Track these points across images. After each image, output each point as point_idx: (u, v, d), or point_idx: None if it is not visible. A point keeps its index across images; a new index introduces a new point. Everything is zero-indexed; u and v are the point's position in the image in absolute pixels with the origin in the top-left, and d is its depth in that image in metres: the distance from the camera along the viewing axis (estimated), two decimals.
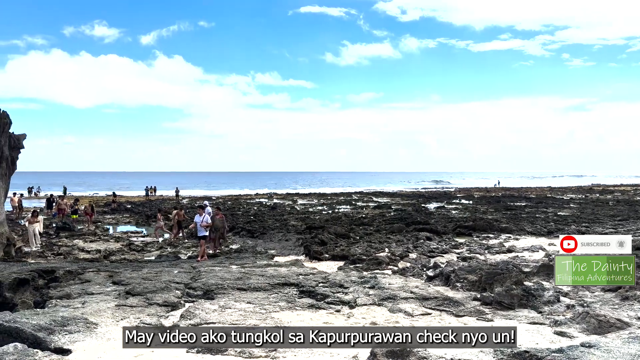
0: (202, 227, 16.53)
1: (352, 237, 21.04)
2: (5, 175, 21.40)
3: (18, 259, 17.43)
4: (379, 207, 42.00)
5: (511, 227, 23.94)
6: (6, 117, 21.06)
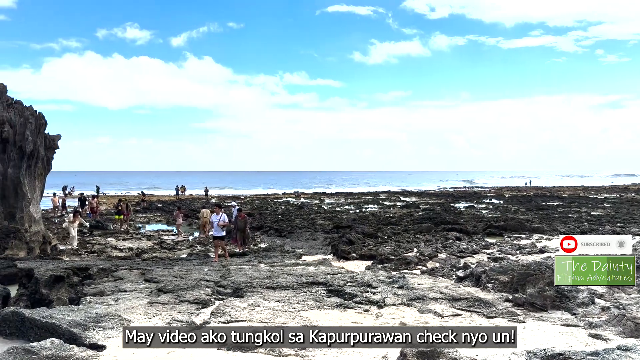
0: (218, 227, 15.81)
1: (379, 237, 20.94)
2: (41, 175, 22.03)
3: (53, 257, 17.92)
4: (406, 206, 41.70)
5: (543, 227, 23.46)
6: (42, 118, 21.68)
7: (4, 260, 15.44)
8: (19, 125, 20.60)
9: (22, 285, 12.05)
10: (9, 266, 14.41)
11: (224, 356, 6.35)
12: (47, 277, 11.11)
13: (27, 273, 12.12)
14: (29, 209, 20.54)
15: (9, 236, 18.58)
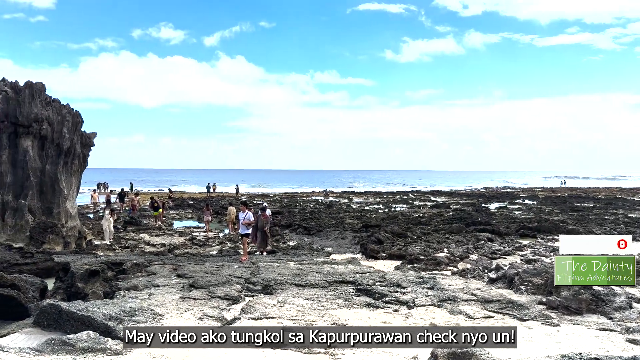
0: (244, 225, 15.63)
1: (409, 237, 20.78)
2: (77, 171, 22.65)
3: (89, 251, 18.39)
4: (436, 206, 41.26)
5: (578, 229, 22.86)
6: (78, 116, 22.28)
7: (42, 254, 15.91)
8: (57, 123, 21.21)
9: (59, 278, 12.40)
10: (46, 260, 14.85)
11: (254, 353, 6.40)
12: (82, 271, 11.40)
13: (63, 267, 12.48)
14: (66, 204, 21.14)
15: (47, 231, 19.15)
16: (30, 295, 10.61)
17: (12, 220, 19.56)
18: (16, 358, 5.55)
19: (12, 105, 20.49)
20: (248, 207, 16.39)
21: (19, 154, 20.53)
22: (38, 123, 20.59)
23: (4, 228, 19.42)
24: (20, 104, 20.53)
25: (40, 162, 20.92)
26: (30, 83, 21.04)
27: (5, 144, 20.50)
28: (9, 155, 20.46)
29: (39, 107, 20.74)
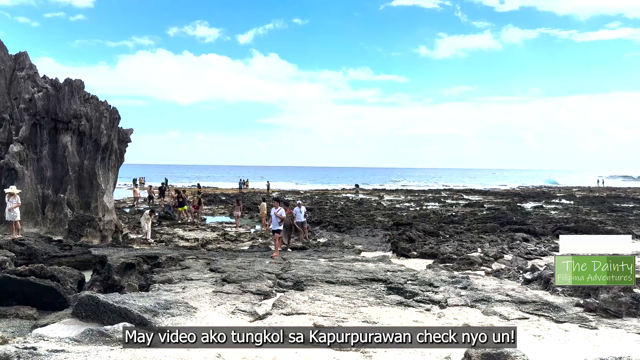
0: (276, 221, 15.42)
1: (441, 235, 20.53)
2: (114, 167, 23.20)
3: (125, 245, 18.82)
4: (470, 205, 40.66)
5: (618, 230, 22.12)
6: (115, 113, 22.81)
7: (80, 246, 16.37)
8: (95, 119, 21.77)
9: (96, 271, 12.73)
10: (84, 252, 15.27)
11: (285, 350, 6.43)
12: (119, 264, 11.67)
13: (100, 260, 12.80)
14: (103, 199, 21.68)
15: (84, 224, 19.69)
16: (68, 287, 10.93)
17: (52, 214, 20.19)
18: (56, 347, 5.72)
19: (52, 101, 21.13)
20: (280, 203, 16.44)
21: (58, 149, 21.17)
22: (77, 119, 21.17)
23: (44, 221, 20.06)
24: (60, 100, 21.14)
25: (79, 158, 21.52)
26: (70, 80, 21.64)
27: (46, 139, 21.16)
28: (49, 150, 21.12)
29: (78, 103, 21.32)
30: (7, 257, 12.25)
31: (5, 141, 20.46)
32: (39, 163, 20.86)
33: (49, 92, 21.28)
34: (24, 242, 15.05)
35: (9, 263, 12.05)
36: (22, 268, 11.17)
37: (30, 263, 12.64)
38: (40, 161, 20.90)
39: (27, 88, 21.39)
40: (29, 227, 18.92)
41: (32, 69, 22.37)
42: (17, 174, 19.68)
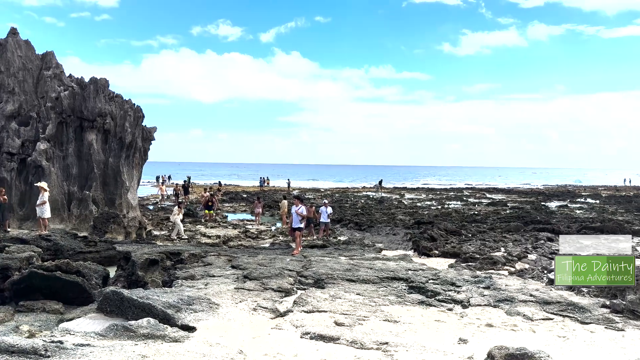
0: (297, 219, 15.32)
1: (463, 234, 20.33)
2: (138, 164, 23.54)
3: (148, 241, 19.08)
4: (493, 204, 40.19)
5: None
6: (140, 111, 23.13)
7: (104, 243, 16.65)
8: (119, 117, 22.11)
9: (120, 267, 12.94)
10: (109, 249, 15.54)
11: (306, 345, 6.44)
12: (142, 260, 11.84)
13: (124, 256, 13.01)
14: (127, 196, 22.02)
15: (109, 221, 20.02)
16: (93, 282, 11.14)
17: (77, 210, 20.58)
18: (82, 341, 5.83)
19: (78, 100, 21.51)
20: (302, 201, 16.43)
21: (84, 147, 21.55)
22: (102, 117, 21.52)
23: (69, 217, 20.46)
24: (86, 99, 21.52)
25: (104, 155, 21.88)
26: (95, 79, 22.01)
27: (72, 137, 21.57)
28: (74, 148, 21.52)
29: (103, 102, 21.66)
30: (34, 253, 12.53)
31: (33, 139, 20.91)
32: (65, 160, 21.27)
33: (74, 90, 21.67)
34: (50, 238, 15.39)
35: (36, 258, 12.32)
36: (48, 263, 11.42)
37: (56, 259, 12.92)
38: (66, 159, 21.30)
39: (53, 87, 21.83)
40: (55, 224, 19.32)
41: (58, 68, 22.82)
42: (44, 171, 20.11)
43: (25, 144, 20.77)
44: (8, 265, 11.30)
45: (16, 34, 22.32)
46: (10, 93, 21.17)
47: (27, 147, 20.77)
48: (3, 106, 20.92)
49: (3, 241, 14.36)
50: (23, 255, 12.04)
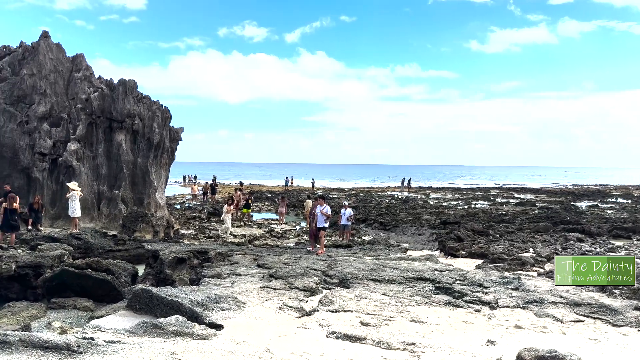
0: (322, 218, 15.23)
1: (491, 235, 20.06)
2: (166, 164, 23.89)
3: (176, 240, 19.34)
4: (521, 204, 39.53)
5: None
6: (167, 112, 23.47)
7: (133, 241, 16.95)
8: (148, 118, 22.47)
9: (149, 265, 13.16)
10: (137, 247, 15.81)
11: (332, 345, 6.44)
12: (170, 259, 12.02)
13: (153, 254, 13.22)
14: (155, 195, 22.37)
15: (138, 220, 20.37)
16: (122, 280, 11.36)
17: (107, 209, 20.99)
18: (112, 338, 5.94)
19: (107, 101, 21.94)
20: (325, 201, 16.40)
21: (113, 147, 21.98)
22: (130, 118, 21.91)
23: (99, 216, 20.89)
24: (115, 100, 21.93)
25: (132, 155, 22.27)
26: (123, 80, 22.41)
27: (101, 137, 22.01)
28: (104, 148, 21.96)
29: (132, 103, 22.05)
30: (65, 251, 12.85)
31: (64, 139, 21.42)
32: (95, 161, 21.72)
33: (104, 92, 22.11)
34: (80, 236, 15.74)
35: (67, 256, 12.63)
36: (79, 261, 11.69)
37: (86, 257, 13.23)
38: (96, 159, 21.75)
39: (83, 88, 22.31)
40: (85, 222, 19.76)
41: (88, 70, 23.31)
42: (75, 171, 20.57)
43: (56, 144, 21.29)
44: (40, 263, 11.61)
45: (48, 37, 22.89)
46: (42, 95, 21.73)
47: (58, 147, 21.28)
48: (35, 108, 21.48)
49: (35, 239, 14.76)
50: (55, 253, 12.35)
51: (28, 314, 9.45)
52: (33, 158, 20.85)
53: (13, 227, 15.28)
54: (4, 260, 11.45)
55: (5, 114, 21.01)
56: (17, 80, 21.78)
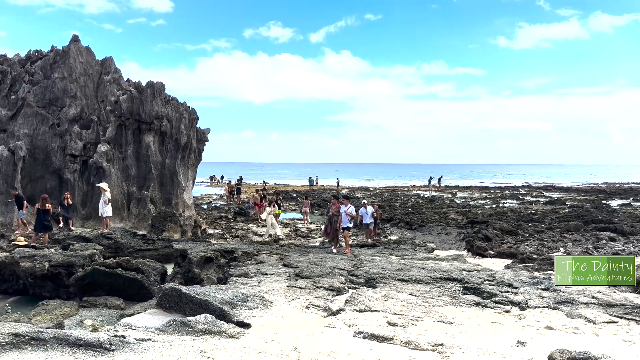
0: (346, 218, 15.18)
1: (520, 234, 19.72)
2: (193, 165, 24.20)
3: (203, 239, 19.58)
4: (550, 202, 38.79)
5: None
6: (194, 113, 23.77)
7: (162, 241, 17.22)
8: (175, 120, 22.79)
9: (177, 264, 13.35)
10: (166, 247, 16.06)
11: (360, 344, 6.43)
12: (198, 258, 12.17)
13: (181, 253, 13.41)
14: (183, 195, 22.68)
15: (166, 219, 20.69)
16: (152, 279, 11.55)
17: (136, 210, 21.37)
18: (143, 336, 6.05)
19: (135, 103, 22.33)
20: (349, 200, 16.37)
21: (142, 149, 22.36)
22: (158, 120, 22.26)
23: (129, 216, 21.28)
24: (143, 102, 22.31)
25: (161, 156, 22.62)
26: (151, 83, 22.78)
27: (130, 139, 22.42)
28: (133, 149, 22.36)
29: (159, 105, 22.40)
30: (96, 250, 13.13)
31: (94, 141, 21.89)
32: (124, 162, 22.13)
33: (132, 94, 22.51)
34: (111, 236, 16.06)
35: (98, 256, 12.91)
36: (110, 261, 11.94)
37: (117, 256, 13.49)
38: (126, 160, 22.16)
39: (112, 91, 22.75)
40: (115, 222, 20.15)
41: (117, 72, 23.76)
42: (105, 172, 21.00)
43: (86, 146, 21.77)
44: (72, 263, 11.90)
45: (78, 41, 23.42)
46: (73, 98, 22.24)
47: (88, 149, 21.76)
48: (66, 110, 22.00)
49: (67, 239, 15.12)
50: (86, 252, 12.64)
51: (61, 312, 9.70)
52: (64, 160, 21.36)
53: (46, 227, 15.68)
54: (38, 259, 11.77)
55: (38, 116, 21.58)
56: (49, 84, 22.34)
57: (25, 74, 22.57)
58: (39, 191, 19.54)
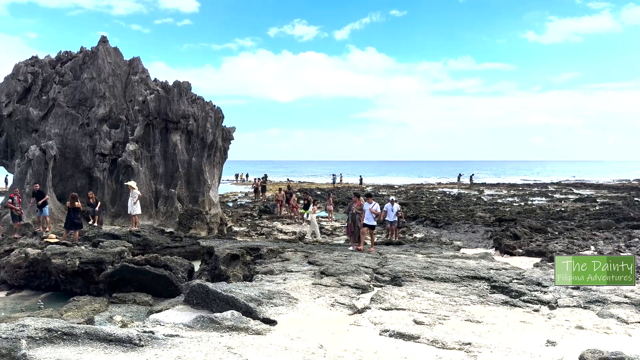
0: (370, 216, 14.89)
1: (549, 232, 19.34)
2: (219, 163, 24.44)
3: (229, 237, 19.76)
4: (581, 200, 37.95)
5: None
6: (220, 112, 23.99)
7: (189, 238, 17.44)
8: (201, 119, 23.05)
9: (204, 261, 13.51)
10: (193, 244, 16.25)
11: (386, 343, 6.39)
12: (224, 255, 12.29)
13: (208, 250, 13.56)
14: (209, 193, 22.93)
15: (193, 217, 20.95)
16: (179, 276, 11.71)
17: (164, 207, 21.70)
18: (171, 332, 6.14)
19: (162, 103, 22.65)
20: (372, 198, 16.18)
21: (169, 148, 22.68)
22: (185, 119, 22.54)
23: (157, 214, 21.63)
24: (170, 102, 22.62)
25: (187, 155, 22.91)
26: (178, 82, 23.08)
27: (158, 138, 22.76)
28: (160, 148, 22.70)
29: (186, 104, 22.68)
30: (125, 247, 13.37)
31: (122, 140, 22.29)
32: (152, 160, 22.49)
33: (159, 94, 22.84)
34: (139, 233, 16.33)
35: (127, 253, 13.14)
36: (138, 257, 12.14)
37: (145, 253, 13.71)
38: (153, 159, 22.52)
39: (140, 91, 23.13)
40: (144, 220, 20.50)
41: (144, 72, 24.14)
42: (133, 171, 21.37)
43: (115, 145, 22.19)
44: (102, 259, 12.14)
45: (106, 42, 23.86)
46: (102, 98, 22.68)
47: (117, 148, 22.17)
48: (96, 110, 22.45)
49: (97, 237, 15.44)
50: (115, 250, 12.88)
51: (91, 308, 9.92)
52: (94, 158, 21.81)
53: (76, 224, 16.03)
54: (69, 256, 12.04)
55: (68, 116, 22.07)
56: (79, 84, 22.83)
57: (55, 75, 23.11)
58: (69, 189, 20.00)
